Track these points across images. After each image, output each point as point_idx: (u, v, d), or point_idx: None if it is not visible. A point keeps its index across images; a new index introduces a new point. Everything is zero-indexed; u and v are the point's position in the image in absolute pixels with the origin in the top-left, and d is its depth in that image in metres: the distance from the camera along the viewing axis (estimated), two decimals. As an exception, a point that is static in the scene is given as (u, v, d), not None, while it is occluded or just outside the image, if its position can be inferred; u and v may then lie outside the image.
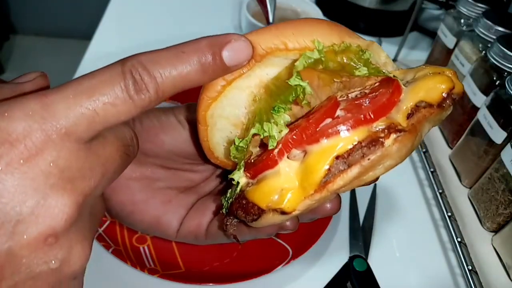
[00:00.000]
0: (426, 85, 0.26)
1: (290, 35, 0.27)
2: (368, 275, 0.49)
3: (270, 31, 0.27)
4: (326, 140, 0.25)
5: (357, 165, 0.24)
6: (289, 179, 0.26)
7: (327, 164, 0.24)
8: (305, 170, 0.25)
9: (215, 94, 0.28)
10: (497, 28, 0.57)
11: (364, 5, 0.88)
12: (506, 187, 0.50)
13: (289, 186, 0.25)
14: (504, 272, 0.51)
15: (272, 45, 0.27)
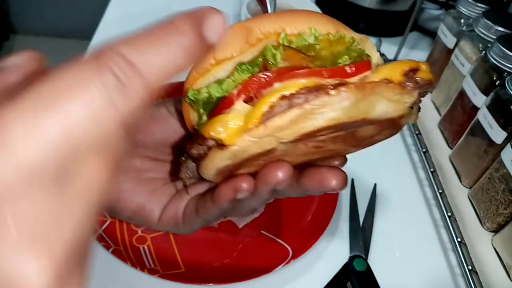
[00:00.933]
0: (391, 66, 0.27)
1: (289, 21, 0.27)
2: (368, 275, 0.49)
3: (269, 17, 0.28)
4: (279, 84, 0.25)
5: (298, 107, 0.24)
6: (237, 117, 0.26)
7: (270, 102, 0.25)
8: (253, 110, 0.25)
9: (203, 71, 0.27)
10: (497, 28, 0.58)
11: (364, 5, 0.88)
12: (506, 187, 0.50)
13: (234, 122, 0.25)
14: (504, 272, 0.51)
15: (271, 29, 0.27)
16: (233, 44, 0.27)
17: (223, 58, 0.27)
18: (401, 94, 0.26)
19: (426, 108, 0.71)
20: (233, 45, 0.27)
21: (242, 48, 0.27)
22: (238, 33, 0.27)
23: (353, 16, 0.91)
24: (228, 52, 0.27)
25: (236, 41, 0.27)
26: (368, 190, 0.59)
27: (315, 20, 0.28)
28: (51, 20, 2.23)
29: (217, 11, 0.22)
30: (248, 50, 0.27)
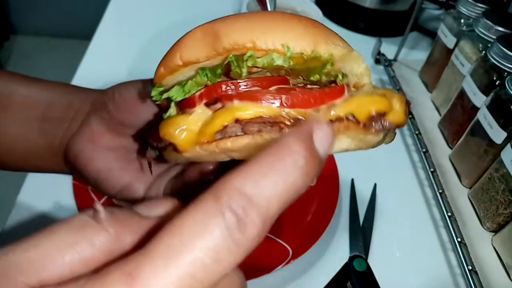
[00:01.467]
0: (361, 100, 0.25)
1: (261, 33, 0.25)
2: (368, 275, 0.49)
3: (240, 22, 0.25)
4: (238, 102, 0.24)
5: (249, 136, 0.24)
6: (195, 122, 0.25)
7: (224, 122, 0.24)
8: (211, 121, 0.25)
9: (170, 69, 0.27)
10: (497, 28, 0.58)
11: (364, 5, 0.88)
12: (506, 187, 0.50)
13: (190, 128, 0.25)
14: (504, 272, 0.51)
15: (240, 41, 0.24)
16: (200, 48, 0.26)
17: (189, 61, 0.26)
18: (365, 135, 0.25)
19: (426, 108, 0.71)
20: (200, 50, 0.26)
21: (209, 54, 0.26)
22: (206, 38, 0.26)
23: (353, 16, 0.91)
24: (194, 55, 0.26)
25: (203, 45, 0.26)
26: (368, 190, 0.59)
27: (292, 33, 0.25)
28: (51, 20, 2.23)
29: (322, 122, 0.20)
30: (214, 57, 0.26)
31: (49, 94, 0.36)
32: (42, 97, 0.36)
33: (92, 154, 0.34)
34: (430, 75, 0.75)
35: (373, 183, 0.60)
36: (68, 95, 0.37)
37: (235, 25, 0.25)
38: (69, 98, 0.36)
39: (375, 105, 0.25)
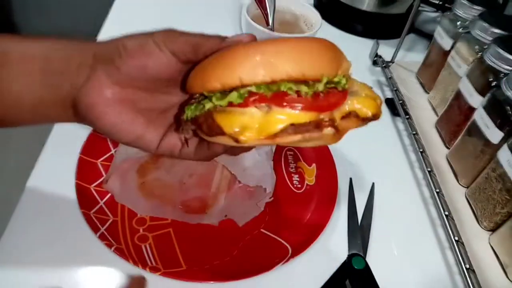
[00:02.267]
0: (364, 101, 0.34)
1: (306, 67, 0.31)
2: (367, 273, 0.49)
3: (289, 53, 0.31)
4: (289, 109, 0.31)
5: (300, 134, 0.31)
6: (252, 121, 0.31)
7: (283, 126, 0.31)
8: (267, 121, 0.31)
9: (228, 87, 0.32)
10: (493, 30, 0.58)
11: (362, 8, 0.89)
12: (503, 186, 0.51)
13: (250, 126, 0.31)
14: (502, 271, 0.51)
15: (293, 74, 0.30)
16: (257, 74, 0.31)
17: (246, 84, 0.31)
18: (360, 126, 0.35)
19: (423, 109, 0.72)
20: (257, 76, 0.31)
21: (264, 80, 0.31)
22: (262, 65, 0.31)
23: (351, 19, 0.92)
24: (251, 80, 0.31)
25: (259, 72, 0.31)
26: (366, 189, 0.60)
27: (304, 64, 0.31)
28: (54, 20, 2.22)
29: None
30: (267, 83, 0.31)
31: (46, 48, 0.37)
32: (39, 51, 0.37)
33: (103, 108, 0.36)
34: (427, 76, 0.75)
35: (371, 182, 0.61)
36: (65, 47, 0.37)
37: (246, 65, 0.31)
38: (67, 51, 0.37)
39: (374, 108, 0.34)
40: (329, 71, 0.32)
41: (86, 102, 0.36)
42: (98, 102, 0.36)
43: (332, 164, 0.59)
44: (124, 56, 0.35)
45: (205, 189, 0.55)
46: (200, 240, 0.50)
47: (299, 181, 0.59)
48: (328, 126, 0.32)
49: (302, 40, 0.33)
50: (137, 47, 0.35)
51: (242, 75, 0.30)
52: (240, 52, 0.31)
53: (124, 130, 0.37)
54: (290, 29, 0.70)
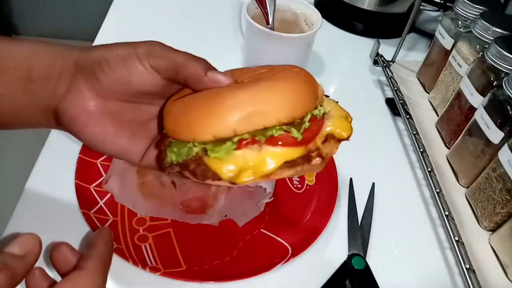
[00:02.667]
0: (339, 123, 0.36)
1: (290, 112, 0.33)
2: (367, 273, 0.49)
3: (277, 102, 0.33)
4: (279, 149, 0.33)
5: (292, 169, 0.34)
6: (246, 163, 0.32)
7: (277, 165, 0.33)
8: (261, 161, 0.32)
9: (220, 138, 0.32)
10: (495, 29, 0.58)
11: (363, 7, 0.88)
12: (503, 186, 0.51)
13: (245, 168, 0.32)
14: (502, 271, 0.51)
15: (282, 121, 0.32)
16: (245, 127, 0.32)
17: (237, 135, 0.32)
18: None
19: (423, 108, 0.72)
20: (245, 128, 0.32)
21: (252, 131, 0.32)
22: (249, 117, 0.32)
23: (351, 18, 0.91)
24: (241, 131, 0.32)
25: (247, 124, 0.32)
26: (366, 189, 0.60)
27: (293, 109, 0.33)
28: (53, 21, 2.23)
29: None
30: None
31: (28, 54, 0.36)
32: (20, 58, 0.36)
33: (87, 120, 0.36)
34: (427, 76, 0.75)
35: (371, 182, 0.61)
36: (48, 53, 0.37)
37: (279, 104, 0.32)
38: (49, 57, 0.36)
39: (347, 131, 0.37)
40: (312, 106, 0.34)
41: (69, 113, 0.36)
42: (81, 114, 0.36)
43: (332, 164, 0.59)
44: (106, 71, 0.35)
45: (205, 189, 0.55)
46: (200, 240, 0.50)
47: (299, 181, 0.59)
48: (316, 157, 0.34)
49: (286, 81, 0.34)
50: (119, 62, 0.35)
51: (236, 127, 0.31)
52: (231, 102, 0.32)
53: (108, 142, 0.37)
54: (291, 28, 0.70)
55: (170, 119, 0.35)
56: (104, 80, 0.35)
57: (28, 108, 0.36)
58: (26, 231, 0.48)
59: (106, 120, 0.36)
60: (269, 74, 0.36)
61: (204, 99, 0.33)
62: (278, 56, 0.66)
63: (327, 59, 0.83)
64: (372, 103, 0.76)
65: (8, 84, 0.35)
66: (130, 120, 0.38)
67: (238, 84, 0.35)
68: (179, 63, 0.35)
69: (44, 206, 0.51)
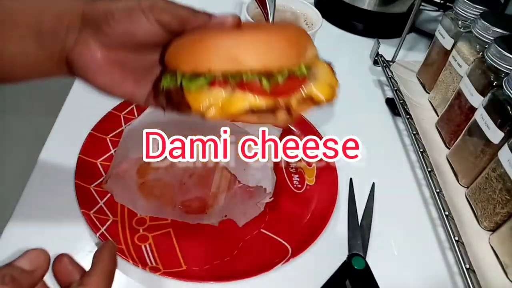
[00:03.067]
0: (321, 87, 0.36)
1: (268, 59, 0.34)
2: (367, 274, 0.49)
3: (256, 49, 0.34)
4: (249, 94, 0.34)
5: (257, 116, 0.35)
6: (217, 101, 0.34)
7: (242, 109, 0.34)
8: (229, 102, 0.34)
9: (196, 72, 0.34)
10: (495, 29, 0.58)
11: (363, 7, 0.88)
12: (503, 186, 0.51)
13: (215, 104, 0.34)
14: (502, 271, 0.51)
15: (256, 67, 0.33)
16: (224, 65, 0.34)
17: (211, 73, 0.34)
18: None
19: (423, 108, 0.72)
20: (223, 66, 0.34)
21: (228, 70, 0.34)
22: (229, 59, 0.34)
23: (351, 18, 0.91)
24: (218, 70, 0.34)
25: (226, 63, 0.34)
26: (366, 189, 0.60)
27: (266, 58, 0.34)
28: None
29: None
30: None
31: (37, 9, 0.38)
32: (31, 12, 0.38)
33: (95, 69, 0.38)
34: (427, 76, 0.75)
35: (371, 182, 0.60)
36: (55, 8, 0.38)
37: (254, 51, 0.34)
38: (57, 11, 0.38)
39: (329, 94, 0.37)
40: (290, 62, 0.35)
41: (78, 64, 0.38)
42: (90, 64, 0.38)
43: (332, 164, 0.59)
44: (112, 24, 0.36)
45: (205, 189, 0.55)
46: (200, 240, 0.50)
47: (299, 181, 0.59)
48: (282, 111, 0.35)
49: (270, 32, 0.36)
50: (124, 15, 0.36)
51: (211, 65, 0.33)
52: (212, 42, 0.34)
53: (116, 87, 0.39)
54: (291, 28, 0.70)
55: (168, 52, 0.37)
56: (109, 32, 0.36)
57: (41, 62, 0.38)
58: (26, 231, 0.48)
59: (114, 69, 0.39)
60: (265, 26, 0.38)
61: (196, 38, 0.36)
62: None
63: (327, 59, 0.83)
64: (372, 103, 0.76)
65: (20, 40, 0.37)
66: (135, 67, 0.40)
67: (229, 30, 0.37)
68: (185, 17, 0.37)
69: (44, 206, 0.51)
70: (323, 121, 0.69)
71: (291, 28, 0.38)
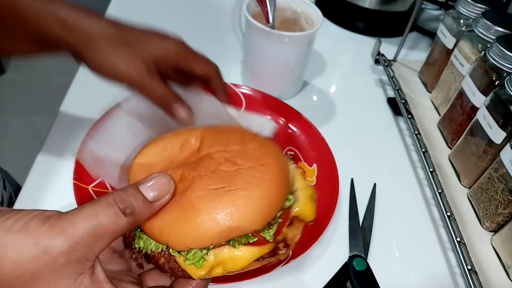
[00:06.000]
0: (305, 207, 0.39)
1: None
2: (368, 275, 0.49)
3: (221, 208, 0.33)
4: (250, 248, 0.34)
5: (260, 263, 0.36)
6: (216, 260, 0.34)
7: (247, 263, 0.34)
8: (230, 259, 0.34)
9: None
10: (497, 28, 0.58)
11: (364, 6, 0.88)
12: (506, 187, 0.50)
13: (214, 265, 0.34)
14: (504, 272, 0.51)
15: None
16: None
17: None
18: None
19: (425, 108, 0.71)
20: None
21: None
22: None
23: (353, 17, 0.91)
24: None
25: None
26: (368, 189, 0.59)
27: (268, 217, 0.34)
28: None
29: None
30: None
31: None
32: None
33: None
34: (429, 75, 0.75)
35: (373, 183, 0.60)
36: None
37: (253, 217, 0.33)
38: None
39: (311, 216, 0.40)
40: (283, 202, 0.36)
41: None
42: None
43: (333, 164, 0.58)
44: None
45: None
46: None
47: (299, 181, 0.58)
48: (283, 248, 0.36)
49: (260, 189, 0.34)
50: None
51: (212, 241, 0.32)
52: (207, 217, 0.32)
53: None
54: (291, 27, 0.69)
55: (153, 227, 0.34)
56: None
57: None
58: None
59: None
60: (242, 168, 0.35)
61: (178, 206, 0.33)
62: (278, 55, 0.66)
63: (328, 58, 0.83)
64: (373, 102, 0.76)
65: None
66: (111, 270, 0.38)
67: (211, 190, 0.34)
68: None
69: (42, 206, 0.50)
70: (323, 121, 0.69)
71: (268, 160, 0.36)
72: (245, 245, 0.34)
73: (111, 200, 0.29)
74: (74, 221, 0.27)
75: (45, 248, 0.26)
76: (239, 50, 0.80)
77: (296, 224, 0.37)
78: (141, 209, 0.30)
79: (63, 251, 0.26)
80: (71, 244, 0.26)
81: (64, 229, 0.27)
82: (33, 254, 0.26)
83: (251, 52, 0.68)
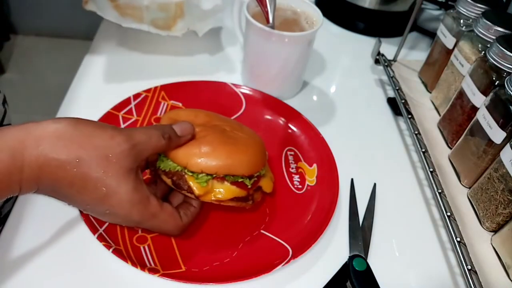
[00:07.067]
0: (267, 182, 0.52)
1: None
2: (368, 275, 0.49)
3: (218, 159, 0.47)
4: (234, 187, 0.48)
5: (234, 202, 0.49)
6: (211, 188, 0.47)
7: (229, 196, 0.48)
8: (219, 190, 0.48)
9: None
10: (497, 28, 0.58)
11: (364, 6, 0.88)
12: (506, 187, 0.50)
13: (208, 191, 0.47)
14: (504, 272, 0.51)
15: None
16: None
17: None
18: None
19: (425, 108, 0.71)
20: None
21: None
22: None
23: (353, 17, 0.91)
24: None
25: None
26: (368, 189, 0.59)
27: (252, 169, 0.49)
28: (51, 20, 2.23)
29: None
30: None
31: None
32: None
33: None
34: (429, 75, 0.75)
35: (373, 183, 0.60)
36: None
37: (243, 165, 0.48)
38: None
39: (269, 185, 0.53)
40: (261, 168, 0.50)
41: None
42: None
43: (333, 164, 0.58)
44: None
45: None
46: (199, 241, 0.50)
47: (299, 182, 0.58)
48: (250, 200, 0.50)
49: (254, 147, 0.50)
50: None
51: (217, 170, 0.47)
52: (218, 157, 0.47)
53: None
54: (291, 27, 0.69)
55: (178, 151, 0.48)
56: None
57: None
58: (25, 231, 0.48)
59: None
60: (241, 135, 0.51)
61: (198, 143, 0.48)
62: (278, 55, 0.66)
63: (328, 58, 0.83)
64: (373, 102, 0.76)
65: None
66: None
67: (222, 140, 0.48)
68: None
69: (42, 206, 0.50)
70: (323, 121, 0.69)
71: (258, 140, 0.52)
72: (231, 184, 0.47)
73: (158, 127, 0.45)
74: (135, 132, 0.43)
75: (118, 143, 0.40)
76: (239, 50, 0.80)
77: (259, 192, 0.51)
78: (174, 138, 0.45)
79: (128, 147, 0.41)
80: (134, 143, 0.41)
81: (129, 134, 0.42)
82: (109, 144, 0.40)
83: (251, 52, 0.68)
